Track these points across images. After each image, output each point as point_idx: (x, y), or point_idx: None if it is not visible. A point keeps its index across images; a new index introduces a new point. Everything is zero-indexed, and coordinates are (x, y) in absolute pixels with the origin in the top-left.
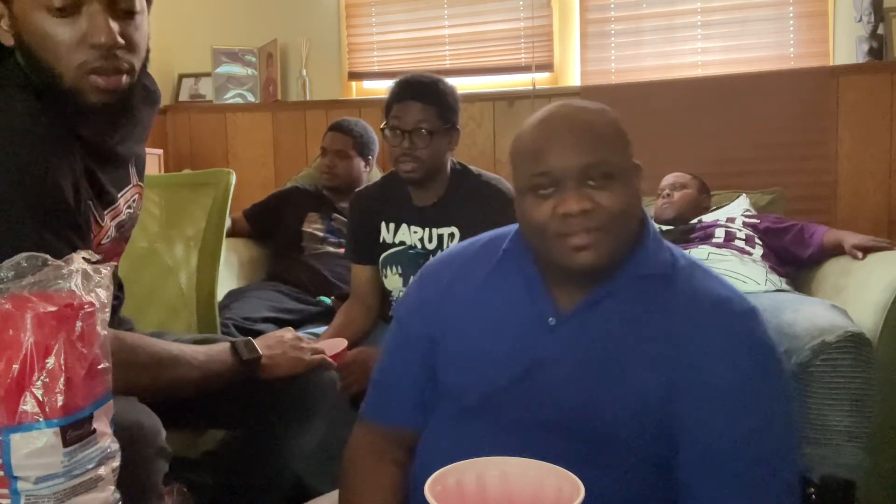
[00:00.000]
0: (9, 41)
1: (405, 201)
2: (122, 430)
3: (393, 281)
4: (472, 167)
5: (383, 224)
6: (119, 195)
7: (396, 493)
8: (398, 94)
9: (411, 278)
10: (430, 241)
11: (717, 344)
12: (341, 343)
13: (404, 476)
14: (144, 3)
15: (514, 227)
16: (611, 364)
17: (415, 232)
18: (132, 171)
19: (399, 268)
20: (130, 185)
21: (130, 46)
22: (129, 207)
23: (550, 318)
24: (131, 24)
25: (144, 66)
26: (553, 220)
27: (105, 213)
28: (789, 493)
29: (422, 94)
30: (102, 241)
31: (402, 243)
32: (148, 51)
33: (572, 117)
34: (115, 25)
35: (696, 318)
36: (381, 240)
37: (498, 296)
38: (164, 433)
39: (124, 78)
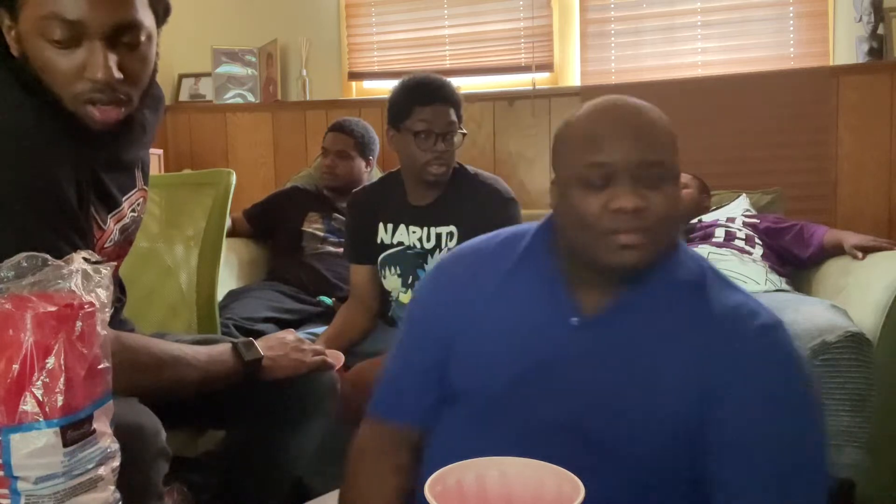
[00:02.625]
0: (16, 53)
1: (402, 201)
2: (123, 431)
3: (392, 281)
4: (468, 167)
5: (381, 225)
6: (124, 199)
7: (398, 497)
8: (426, 97)
9: (410, 278)
10: (429, 240)
11: (751, 358)
12: (338, 359)
13: (407, 480)
14: (153, 30)
15: (532, 225)
16: (638, 371)
17: (413, 232)
18: (137, 174)
19: (398, 268)
20: (135, 189)
21: (130, 79)
22: (133, 211)
23: (573, 319)
24: (133, 55)
25: (152, 76)
26: (604, 215)
27: (109, 216)
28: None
29: (445, 95)
30: (106, 245)
31: (400, 244)
32: (156, 66)
33: (635, 112)
34: (114, 58)
35: (728, 331)
36: (378, 240)
37: (516, 295)
38: (164, 434)
39: (122, 109)
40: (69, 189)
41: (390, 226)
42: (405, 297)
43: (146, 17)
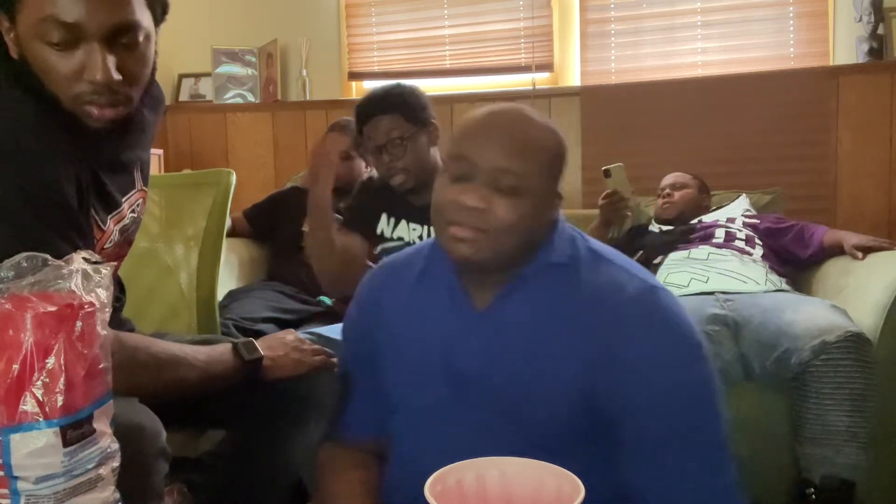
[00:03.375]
0: (15, 54)
1: (405, 199)
2: (123, 431)
3: None
4: None
5: (384, 215)
6: (123, 200)
7: (368, 493)
8: (361, 117)
9: None
10: (429, 237)
11: (627, 322)
12: None
13: (370, 475)
14: (151, 30)
15: None
16: (529, 353)
17: (413, 229)
18: (137, 175)
19: None
20: (135, 190)
21: (128, 79)
22: (133, 212)
23: (469, 316)
24: (132, 55)
25: (151, 76)
26: (450, 205)
27: (108, 217)
28: (718, 450)
29: (381, 106)
30: (105, 246)
31: (400, 239)
32: (155, 65)
33: (511, 122)
34: (112, 59)
35: (599, 306)
36: (378, 230)
37: (425, 300)
38: (164, 434)
39: (120, 109)
40: (69, 189)
41: (392, 220)
42: None
43: (144, 18)
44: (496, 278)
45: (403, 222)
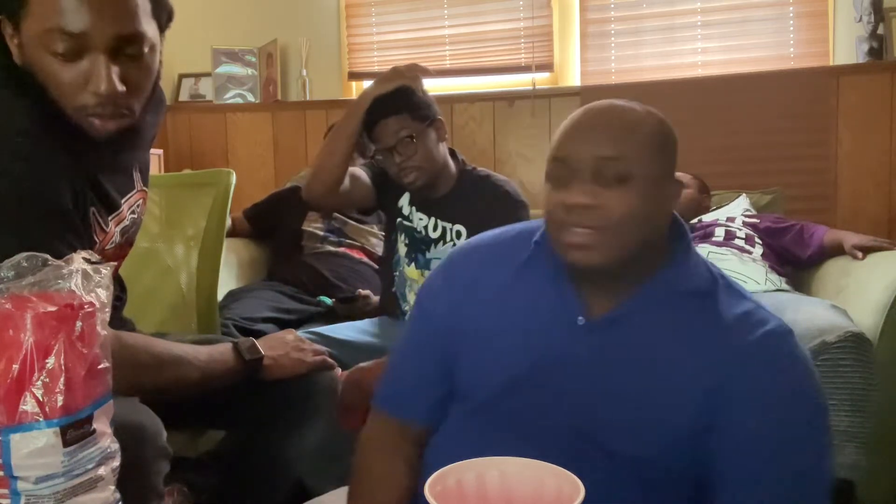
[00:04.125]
0: (19, 61)
1: (420, 190)
2: (124, 431)
3: (401, 248)
4: (480, 168)
5: (407, 194)
6: (123, 201)
7: (406, 492)
8: (369, 122)
9: (415, 255)
10: (435, 230)
11: (758, 365)
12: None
13: (414, 474)
14: (156, 39)
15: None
16: (640, 377)
17: (420, 218)
18: (136, 176)
19: (406, 239)
20: (134, 191)
21: (132, 90)
22: (132, 213)
23: (580, 318)
24: (136, 66)
25: (155, 82)
26: (558, 210)
27: (109, 218)
28: None
29: (387, 108)
30: (107, 247)
31: (410, 221)
32: (159, 73)
33: (605, 111)
34: (116, 70)
35: (736, 339)
36: (399, 204)
37: (526, 291)
38: (164, 434)
39: (123, 121)
40: (65, 191)
41: (412, 203)
42: (410, 271)
43: (149, 28)
44: (617, 285)
45: (415, 209)
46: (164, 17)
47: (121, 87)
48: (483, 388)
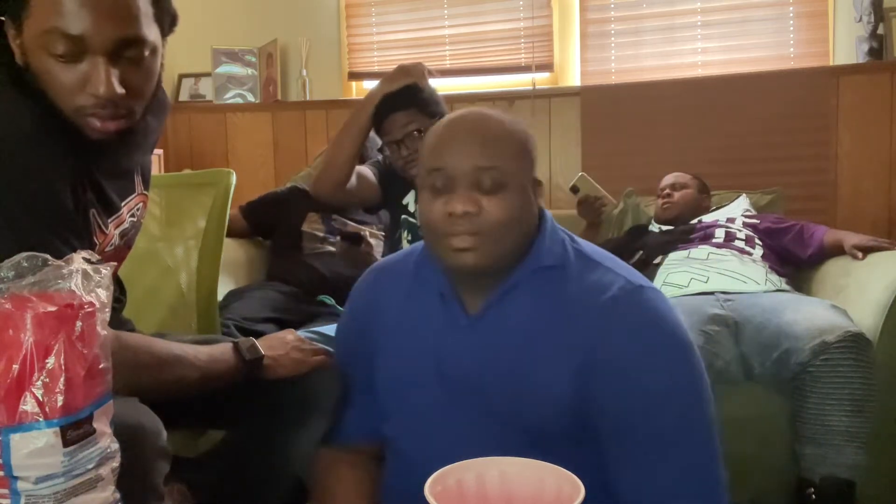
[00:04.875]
0: (20, 62)
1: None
2: (124, 431)
3: (404, 246)
4: None
5: (413, 191)
6: (123, 204)
7: (366, 494)
8: (379, 115)
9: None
10: None
11: (612, 324)
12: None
13: (367, 474)
14: (158, 43)
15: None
16: (520, 358)
17: None
18: (137, 179)
19: (410, 237)
20: (135, 195)
21: (132, 93)
22: (132, 216)
23: (462, 320)
24: (136, 69)
25: (157, 85)
26: (440, 218)
27: (109, 220)
28: (706, 448)
29: (397, 102)
30: (105, 249)
31: (415, 218)
32: (160, 77)
33: (477, 122)
34: (116, 73)
35: (586, 307)
36: (405, 201)
37: (417, 305)
38: (164, 434)
39: (122, 122)
40: (65, 192)
41: (417, 204)
42: None
43: (151, 32)
44: (488, 282)
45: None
46: (166, 21)
47: (120, 90)
48: (406, 399)
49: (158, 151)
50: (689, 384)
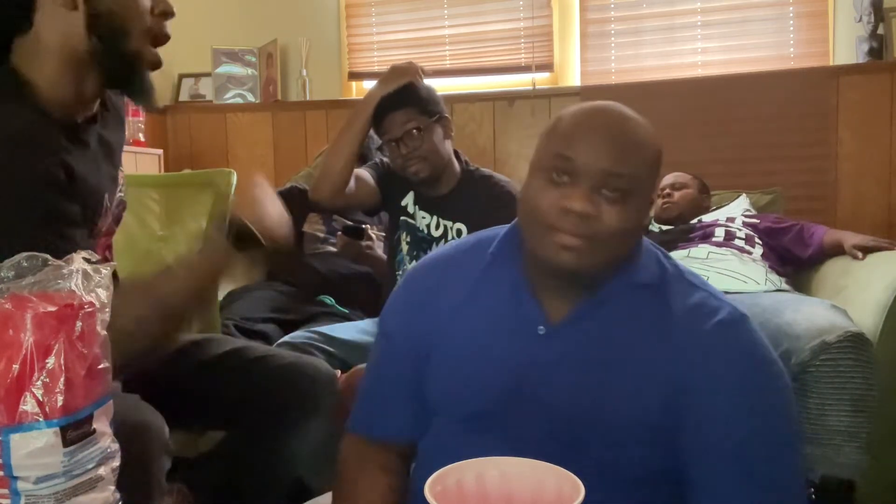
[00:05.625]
0: (71, 6)
1: (421, 188)
2: (128, 429)
3: (403, 247)
4: (483, 169)
5: (412, 193)
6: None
7: (390, 497)
8: (378, 114)
9: (416, 253)
10: (437, 228)
11: (714, 355)
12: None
13: (398, 481)
14: None
15: (502, 228)
16: (606, 375)
17: (423, 217)
18: (119, 154)
19: (409, 237)
20: (119, 168)
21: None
22: (119, 191)
23: (540, 327)
24: None
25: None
26: (553, 210)
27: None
28: (796, 492)
29: (396, 101)
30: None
31: (414, 219)
32: None
33: (619, 122)
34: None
35: (689, 330)
36: (404, 202)
37: (486, 303)
38: (167, 430)
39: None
40: (56, 185)
41: (416, 202)
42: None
43: None
44: (577, 291)
45: (418, 209)
46: None
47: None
48: (457, 404)
49: (158, 151)
50: (786, 424)
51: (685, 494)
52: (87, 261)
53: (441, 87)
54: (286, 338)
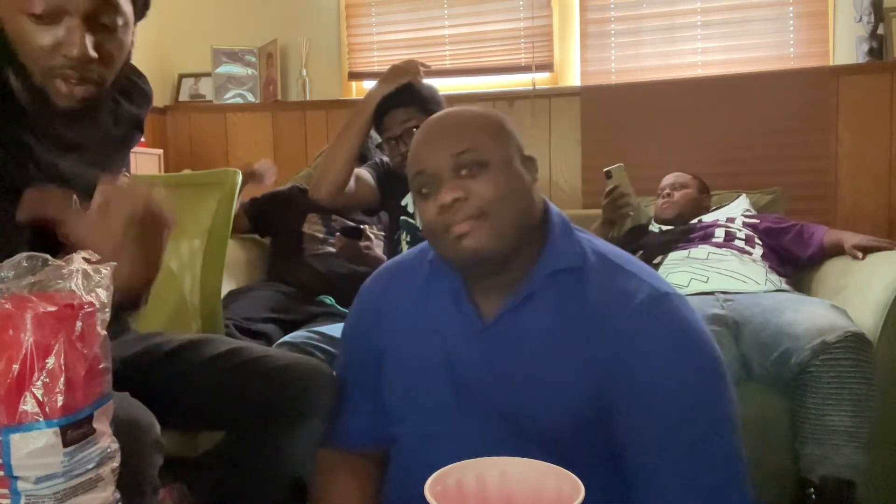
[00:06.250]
0: None
1: None
2: (117, 426)
3: (403, 247)
4: None
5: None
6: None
7: (367, 501)
8: (379, 112)
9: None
10: None
11: (637, 338)
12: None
13: (370, 484)
14: (130, 17)
15: None
16: (534, 369)
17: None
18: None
19: (409, 238)
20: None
21: (104, 60)
22: None
23: (476, 327)
24: (110, 38)
25: (125, 63)
26: (434, 217)
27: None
28: (733, 464)
29: (397, 100)
30: None
31: (414, 219)
32: (129, 54)
33: (441, 117)
34: (90, 39)
35: (610, 316)
36: (404, 202)
37: (429, 310)
38: (157, 427)
39: (91, 88)
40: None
41: (416, 205)
42: None
43: (125, 4)
44: (503, 285)
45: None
46: (140, 1)
47: (93, 54)
48: (416, 406)
49: (158, 151)
50: (718, 397)
51: (626, 481)
52: (87, 261)
53: (441, 87)
54: (286, 338)
